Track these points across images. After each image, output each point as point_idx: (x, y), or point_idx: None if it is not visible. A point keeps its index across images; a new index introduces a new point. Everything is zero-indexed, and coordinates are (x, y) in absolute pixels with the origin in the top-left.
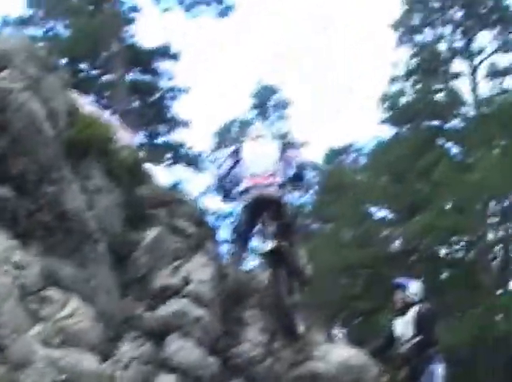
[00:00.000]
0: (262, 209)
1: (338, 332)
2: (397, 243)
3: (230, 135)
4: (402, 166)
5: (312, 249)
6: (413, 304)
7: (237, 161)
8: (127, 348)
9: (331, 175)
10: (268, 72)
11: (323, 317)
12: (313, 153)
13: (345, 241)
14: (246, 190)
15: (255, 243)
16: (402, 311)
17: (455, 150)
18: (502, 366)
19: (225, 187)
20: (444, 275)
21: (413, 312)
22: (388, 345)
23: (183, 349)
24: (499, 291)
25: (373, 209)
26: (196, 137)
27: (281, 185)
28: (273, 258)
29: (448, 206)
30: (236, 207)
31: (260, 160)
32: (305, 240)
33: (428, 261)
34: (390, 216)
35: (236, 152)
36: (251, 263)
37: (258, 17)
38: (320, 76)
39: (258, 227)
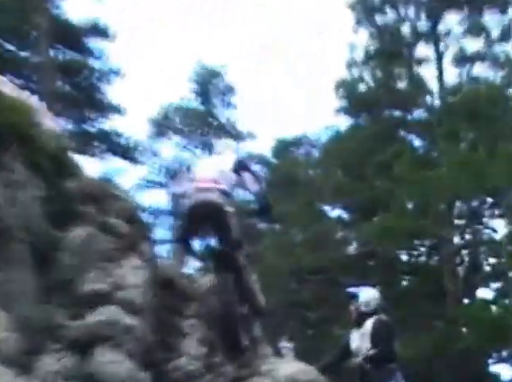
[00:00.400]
0: (202, 218)
1: (286, 344)
2: (353, 247)
3: (169, 123)
4: (359, 161)
5: (260, 251)
6: (369, 314)
7: None
8: (48, 362)
9: (280, 169)
10: (209, 55)
11: (270, 327)
12: (262, 146)
13: (296, 243)
14: (184, 194)
15: (198, 244)
16: (358, 322)
17: (418, 143)
18: None
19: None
20: (405, 283)
21: (369, 323)
22: (342, 360)
23: (112, 363)
24: (466, 300)
25: (327, 208)
26: (132, 124)
27: (226, 194)
28: (221, 260)
29: (410, 206)
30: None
31: (206, 167)
32: (252, 241)
33: (386, 267)
34: (346, 215)
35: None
36: (192, 266)
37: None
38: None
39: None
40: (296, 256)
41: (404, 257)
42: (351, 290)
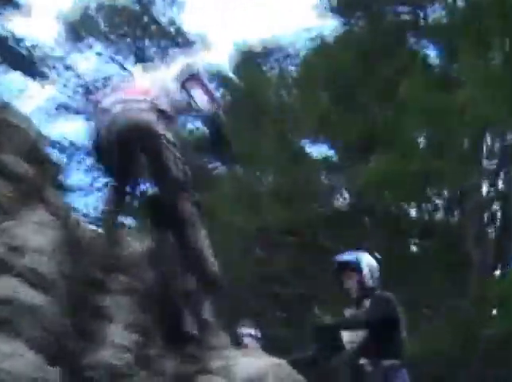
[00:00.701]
0: (124, 145)
1: (250, 331)
2: (343, 199)
3: (89, 25)
4: (352, 79)
5: (214, 202)
6: (369, 291)
7: None
8: None
9: (242, 90)
10: None
11: (227, 308)
12: (219, 58)
13: (264, 192)
14: (106, 109)
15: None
16: (357, 302)
17: (433, 55)
18: None
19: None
20: (414, 249)
21: (366, 303)
22: (328, 353)
23: (8, 356)
24: (497, 273)
25: (307, 145)
26: (38, 27)
27: (165, 114)
28: (156, 210)
29: (421, 142)
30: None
31: (140, 79)
32: (203, 188)
33: (389, 227)
34: (333, 156)
35: None
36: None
37: None
38: None
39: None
40: (264, 211)
41: (413, 213)
42: (343, 256)
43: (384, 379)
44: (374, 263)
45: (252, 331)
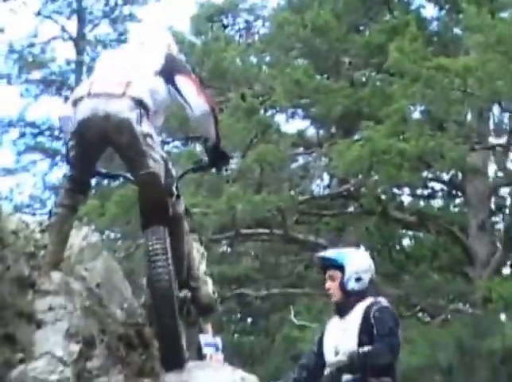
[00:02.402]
0: (98, 142)
1: (212, 339)
2: (322, 183)
3: None
4: (332, 41)
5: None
6: (353, 296)
7: None
8: None
9: (202, 54)
10: None
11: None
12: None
13: (230, 175)
14: (77, 101)
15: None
16: (338, 308)
17: (429, 14)
18: None
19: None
20: (408, 242)
21: (359, 311)
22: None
23: None
24: (505, 271)
25: (279, 118)
26: None
27: (145, 108)
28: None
29: (416, 114)
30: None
31: (119, 66)
32: None
33: (379, 216)
34: (311, 130)
35: None
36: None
37: None
38: None
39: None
40: (229, 197)
41: (407, 199)
42: (326, 254)
43: None
44: (365, 263)
45: (213, 340)
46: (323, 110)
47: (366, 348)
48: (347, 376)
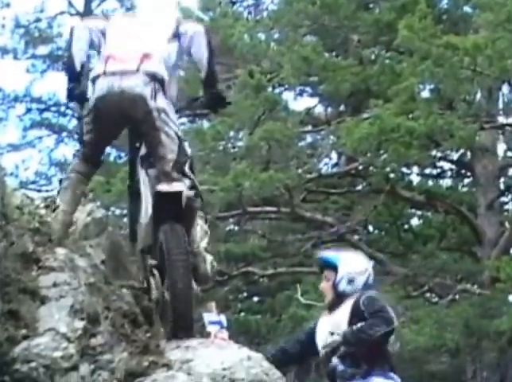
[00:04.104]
0: (112, 119)
1: (217, 317)
2: (330, 161)
3: None
4: (342, 18)
5: None
6: (342, 297)
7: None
8: None
9: (211, 32)
10: None
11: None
12: None
13: (237, 152)
14: (94, 79)
15: None
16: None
17: None
18: None
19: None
20: (416, 222)
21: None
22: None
23: None
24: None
25: (287, 95)
26: None
27: (160, 82)
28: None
29: (425, 92)
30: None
31: (132, 37)
32: None
33: (387, 195)
34: (319, 108)
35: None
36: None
37: None
38: None
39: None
40: (236, 174)
41: (415, 178)
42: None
43: None
44: (359, 266)
45: (219, 318)
46: (332, 87)
47: (359, 324)
48: (335, 360)
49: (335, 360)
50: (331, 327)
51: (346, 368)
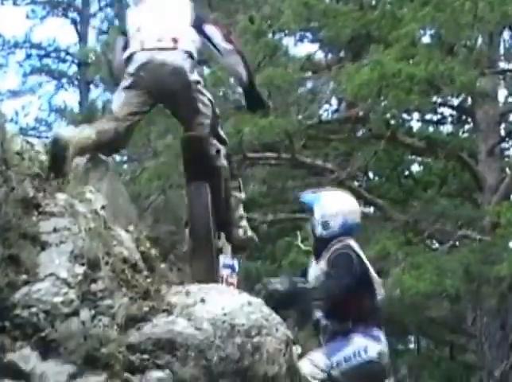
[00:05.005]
0: (155, 87)
1: (230, 263)
2: (331, 107)
3: None
4: None
5: None
6: (323, 242)
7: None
8: None
9: None
10: None
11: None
12: None
13: (236, 99)
14: (130, 57)
15: None
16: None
17: None
18: None
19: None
20: (416, 168)
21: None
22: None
23: None
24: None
25: (287, 41)
26: None
27: (193, 59)
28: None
29: (425, 38)
30: None
31: (156, 22)
32: None
33: (387, 141)
34: (320, 54)
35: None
36: None
37: None
38: None
39: None
40: (235, 122)
41: (416, 125)
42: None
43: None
44: (334, 208)
45: (232, 261)
46: (332, 33)
47: (309, 285)
48: (318, 313)
49: (318, 314)
50: (314, 276)
51: (328, 324)
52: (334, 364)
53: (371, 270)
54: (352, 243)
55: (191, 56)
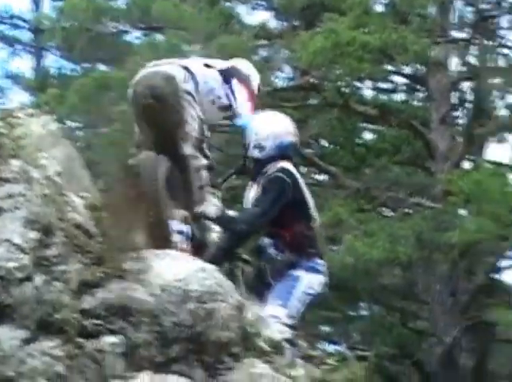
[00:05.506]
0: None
1: (181, 229)
2: (284, 74)
3: None
4: None
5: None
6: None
7: None
8: None
9: None
10: None
11: None
12: None
13: None
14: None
15: None
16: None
17: None
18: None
19: None
20: (369, 136)
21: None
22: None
23: None
24: (466, 165)
25: (241, 9)
26: None
27: (190, 72)
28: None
29: (379, 6)
30: None
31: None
32: None
33: (340, 109)
34: (274, 22)
35: None
36: None
37: None
38: None
39: None
40: None
41: (368, 93)
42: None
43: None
44: (266, 129)
45: (183, 227)
46: (286, 1)
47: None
48: (267, 240)
49: (266, 240)
50: (251, 199)
51: (276, 254)
52: (293, 312)
53: (307, 194)
54: (287, 165)
55: (188, 69)
